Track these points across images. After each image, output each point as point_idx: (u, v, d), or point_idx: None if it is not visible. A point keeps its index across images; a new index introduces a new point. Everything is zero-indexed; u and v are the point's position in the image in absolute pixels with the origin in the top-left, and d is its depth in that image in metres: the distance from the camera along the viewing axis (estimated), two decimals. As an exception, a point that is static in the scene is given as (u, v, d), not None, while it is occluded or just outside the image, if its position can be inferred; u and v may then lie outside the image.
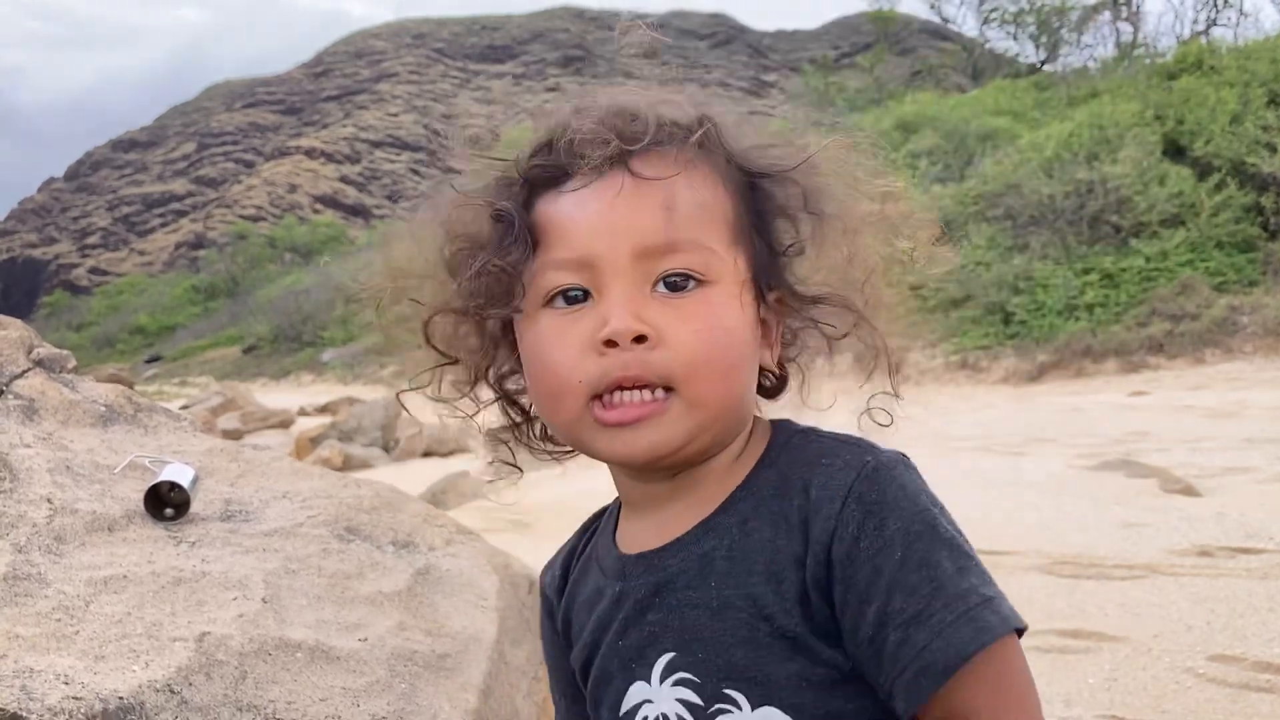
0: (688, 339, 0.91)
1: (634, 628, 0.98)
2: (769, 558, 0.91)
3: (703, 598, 0.94)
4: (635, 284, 0.92)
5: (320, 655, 1.33)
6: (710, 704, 0.91)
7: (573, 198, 0.94)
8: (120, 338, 62.36)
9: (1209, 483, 5.78)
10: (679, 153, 0.94)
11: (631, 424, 0.92)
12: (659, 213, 0.92)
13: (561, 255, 0.94)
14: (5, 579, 1.26)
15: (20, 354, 1.79)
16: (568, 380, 0.93)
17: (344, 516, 1.64)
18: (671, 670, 0.94)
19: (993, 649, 0.84)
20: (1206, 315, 14.36)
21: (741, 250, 0.97)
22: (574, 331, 0.93)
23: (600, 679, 1.01)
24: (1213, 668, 3.04)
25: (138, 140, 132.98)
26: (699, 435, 0.94)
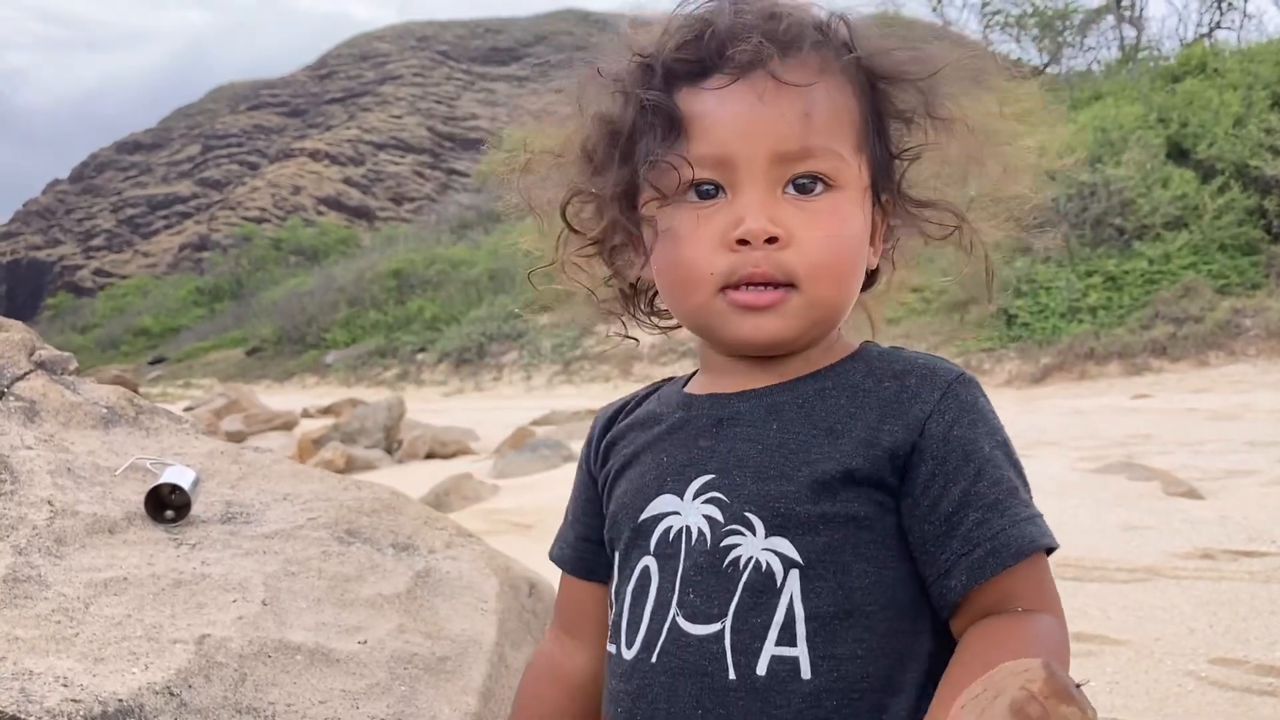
0: (815, 242, 0.97)
1: (683, 449, 1.03)
2: (836, 419, 0.98)
3: (760, 435, 1.00)
4: (769, 185, 0.97)
5: (320, 658, 1.34)
6: (729, 523, 0.97)
7: (716, 96, 0.98)
8: (124, 339, 62.39)
9: (1212, 485, 5.78)
10: (820, 58, 0.98)
11: (762, 309, 0.98)
12: (798, 119, 0.96)
13: (702, 151, 0.97)
14: (5, 581, 1.26)
15: (22, 356, 1.80)
16: (701, 272, 0.99)
17: (344, 519, 1.64)
18: (706, 490, 0.99)
19: (1042, 554, 0.96)
20: (1210, 318, 14.35)
21: (865, 155, 1.02)
22: (708, 226, 0.98)
23: (630, 490, 1.06)
24: (1215, 671, 3.04)
25: (142, 142, 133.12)
26: (812, 331, 1.02)
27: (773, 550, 0.95)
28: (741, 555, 0.95)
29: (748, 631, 0.94)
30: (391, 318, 35.73)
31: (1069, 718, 0.65)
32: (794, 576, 0.94)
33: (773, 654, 0.93)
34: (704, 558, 0.97)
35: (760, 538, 0.95)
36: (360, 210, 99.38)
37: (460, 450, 11.71)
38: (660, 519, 1.02)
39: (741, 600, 0.95)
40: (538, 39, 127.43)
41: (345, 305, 38.86)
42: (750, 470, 0.98)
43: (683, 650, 0.96)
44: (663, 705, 0.96)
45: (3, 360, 1.76)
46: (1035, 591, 0.95)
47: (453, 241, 42.56)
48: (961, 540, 0.93)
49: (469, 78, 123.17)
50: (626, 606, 1.03)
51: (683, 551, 0.99)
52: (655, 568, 1.01)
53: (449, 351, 29.95)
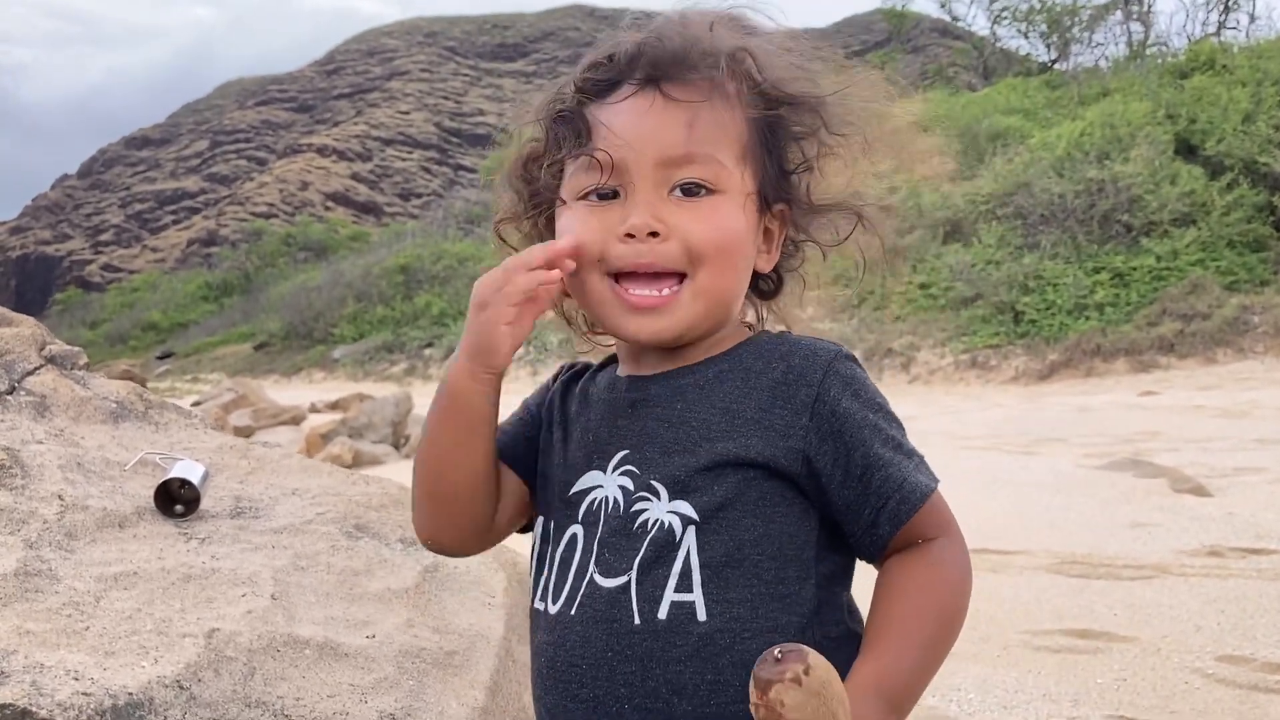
0: (696, 233, 1.10)
1: (606, 427, 1.17)
2: (732, 400, 1.11)
3: (666, 414, 1.13)
4: (655, 187, 1.10)
5: (329, 652, 1.34)
6: (638, 491, 1.10)
7: (613, 108, 1.12)
8: (133, 334, 62.44)
9: (1219, 483, 5.77)
10: (712, 83, 1.11)
11: (651, 309, 1.11)
12: (681, 128, 1.10)
13: (599, 151, 1.11)
14: (16, 575, 1.27)
15: (32, 351, 1.80)
16: (591, 256, 1.12)
17: (353, 514, 1.65)
18: (622, 463, 1.13)
19: (937, 491, 1.11)
20: (1217, 315, 14.30)
21: (749, 167, 1.13)
22: (602, 220, 1.11)
23: (562, 464, 1.19)
24: (1222, 668, 3.04)
25: (151, 138, 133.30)
26: (700, 322, 1.14)
27: (675, 511, 1.08)
28: (649, 517, 1.09)
29: (650, 581, 1.07)
30: (399, 313, 35.72)
31: (784, 696, 0.83)
32: (691, 532, 1.07)
33: (672, 600, 1.06)
34: (617, 521, 1.10)
35: (665, 502, 1.09)
36: (368, 206, 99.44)
37: (467, 446, 11.69)
38: (587, 492, 1.15)
39: (646, 555, 1.07)
40: (545, 35, 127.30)
41: (353, 301, 38.85)
42: (658, 446, 1.12)
43: (596, 601, 1.09)
44: (578, 651, 1.09)
45: (14, 355, 1.76)
46: (935, 522, 1.10)
47: (460, 237, 42.52)
48: (876, 495, 1.08)
49: (476, 73, 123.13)
50: (555, 569, 1.15)
51: (602, 519, 1.12)
52: (581, 534, 1.14)
53: (456, 346, 29.91)
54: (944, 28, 52.02)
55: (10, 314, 1.94)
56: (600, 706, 1.07)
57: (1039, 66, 30.29)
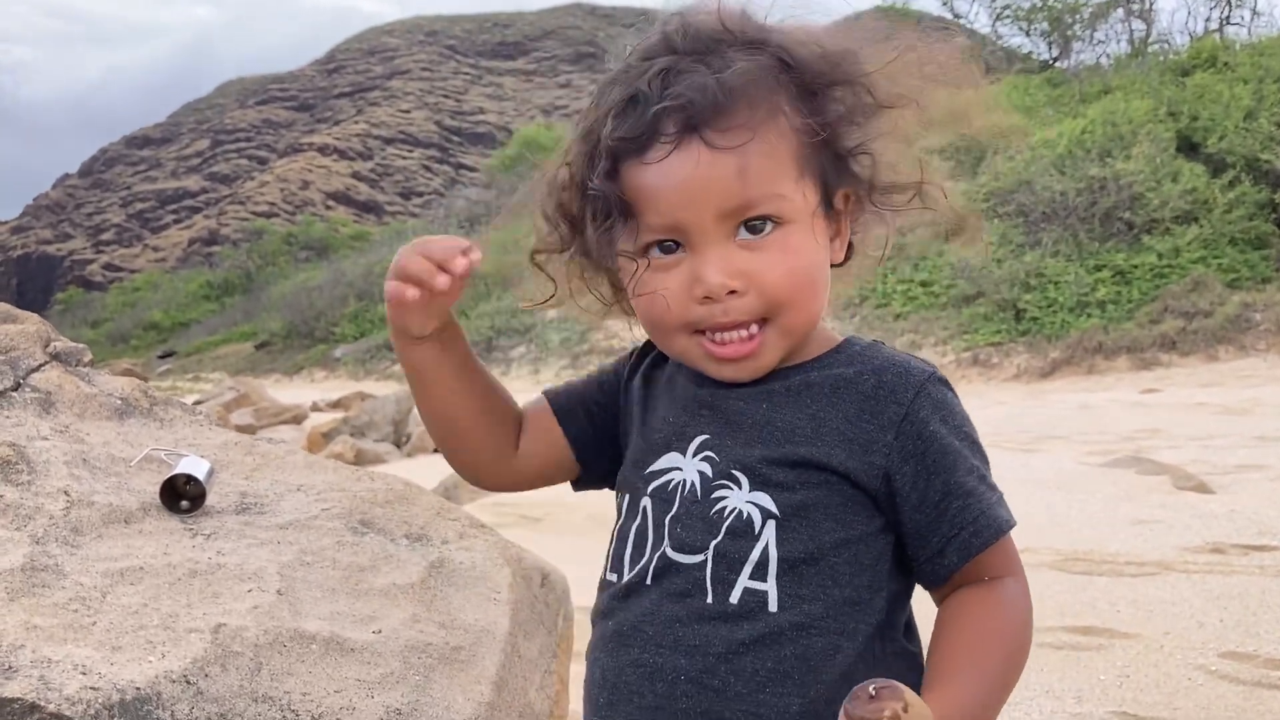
0: (773, 281, 1.07)
1: (688, 413, 1.17)
2: (819, 407, 1.10)
3: (752, 410, 1.12)
4: (721, 239, 1.06)
5: (335, 647, 1.35)
6: (718, 478, 1.10)
7: (656, 170, 1.05)
8: (134, 334, 62.50)
9: (1221, 480, 5.77)
10: (749, 107, 1.04)
11: (741, 358, 1.11)
12: (735, 179, 1.04)
13: (654, 221, 1.07)
14: (23, 570, 1.27)
15: (37, 347, 1.81)
16: (673, 325, 1.11)
17: (358, 509, 1.65)
18: (702, 448, 1.13)
19: (1010, 533, 1.09)
20: (1219, 312, 14.31)
21: (808, 178, 1.09)
22: (673, 280, 1.09)
23: (643, 445, 1.20)
24: (1225, 665, 3.04)
25: (151, 137, 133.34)
26: (790, 349, 1.14)
27: (754, 503, 1.08)
28: (728, 505, 1.09)
29: (725, 564, 1.07)
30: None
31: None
32: (770, 526, 1.07)
33: (746, 586, 1.06)
34: (695, 505, 1.10)
35: (745, 491, 1.08)
36: (369, 205, 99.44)
37: (469, 444, 11.71)
38: (666, 472, 1.15)
39: (724, 538, 1.08)
40: (545, 33, 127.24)
41: (354, 299, 38.89)
42: (739, 438, 1.11)
43: (670, 575, 1.09)
44: (646, 617, 1.09)
45: (18, 352, 1.77)
46: (1004, 561, 1.09)
47: (461, 235, 42.54)
48: (949, 524, 1.07)
49: (477, 72, 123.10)
50: (630, 542, 1.16)
51: (678, 499, 1.12)
52: (651, 509, 1.14)
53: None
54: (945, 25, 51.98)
55: (14, 310, 1.95)
56: (657, 674, 1.07)
57: (1040, 64, 30.25)
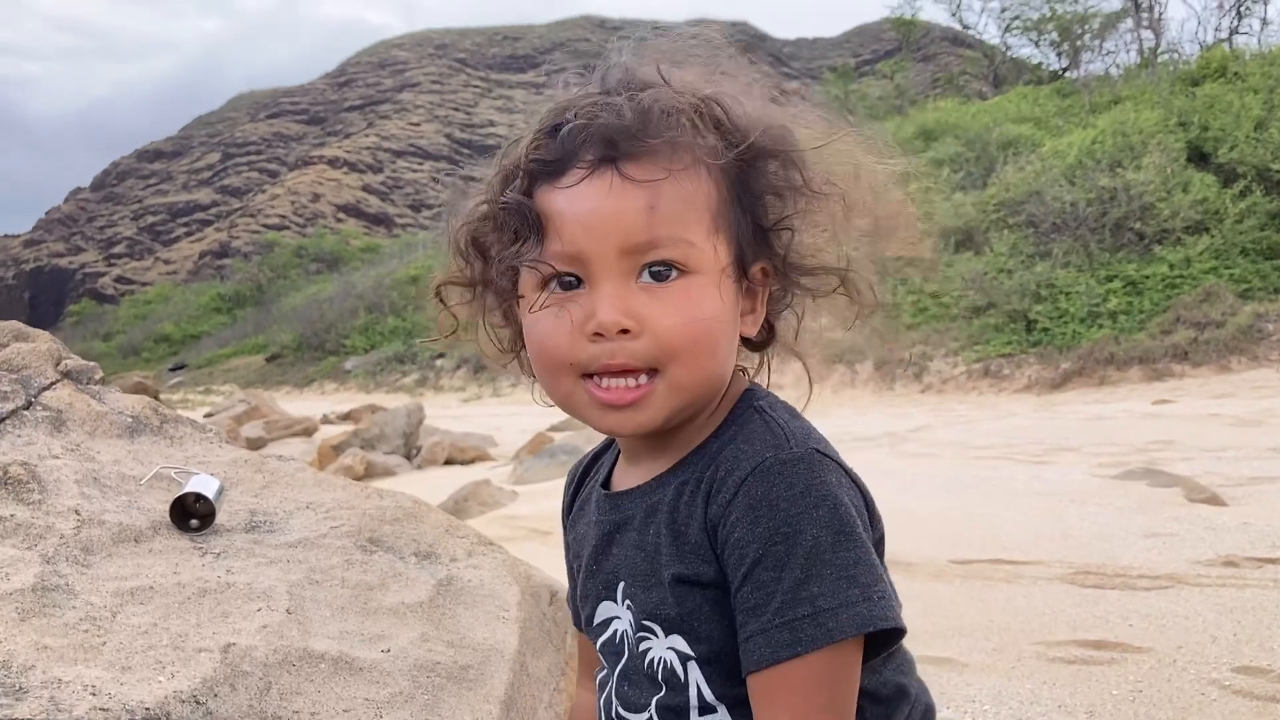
0: (668, 328, 1.01)
1: (603, 558, 1.15)
2: (683, 520, 1.05)
3: (641, 540, 1.09)
4: (621, 276, 1.01)
5: (344, 666, 1.35)
6: (639, 630, 1.09)
7: (566, 194, 1.02)
8: (146, 346, 62.79)
9: (1235, 492, 5.74)
10: (671, 150, 1.01)
11: (626, 405, 1.03)
12: (643, 213, 1.00)
13: (556, 248, 1.02)
14: (34, 590, 1.27)
15: (49, 366, 1.82)
16: (561, 361, 1.04)
17: (367, 527, 1.65)
18: (626, 595, 1.11)
19: (807, 658, 0.94)
20: (1231, 323, 14.26)
21: (722, 235, 1.04)
22: (566, 317, 1.03)
23: (584, 596, 1.19)
24: (1238, 680, 3.02)
25: (163, 150, 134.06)
26: (680, 413, 1.06)
27: (673, 649, 1.06)
28: (653, 655, 1.08)
29: (673, 715, 1.07)
30: (410, 324, 35.86)
31: None
32: (693, 667, 1.05)
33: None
34: (633, 660, 1.10)
35: (662, 638, 1.07)
36: (379, 217, 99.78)
37: (479, 456, 11.74)
38: (608, 624, 1.15)
39: (663, 695, 1.07)
40: (555, 46, 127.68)
41: (364, 312, 39.05)
42: (639, 579, 1.09)
43: None
44: None
45: (30, 370, 1.78)
46: (791, 696, 0.96)
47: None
48: (740, 637, 0.99)
49: (486, 85, 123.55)
50: (601, 698, 1.17)
51: (624, 652, 1.12)
52: (608, 665, 1.16)
53: (468, 357, 29.99)
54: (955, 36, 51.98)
55: (27, 329, 1.96)
56: None
57: (1050, 74, 30.27)
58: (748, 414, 1.08)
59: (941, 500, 6.13)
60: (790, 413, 1.09)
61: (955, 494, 6.19)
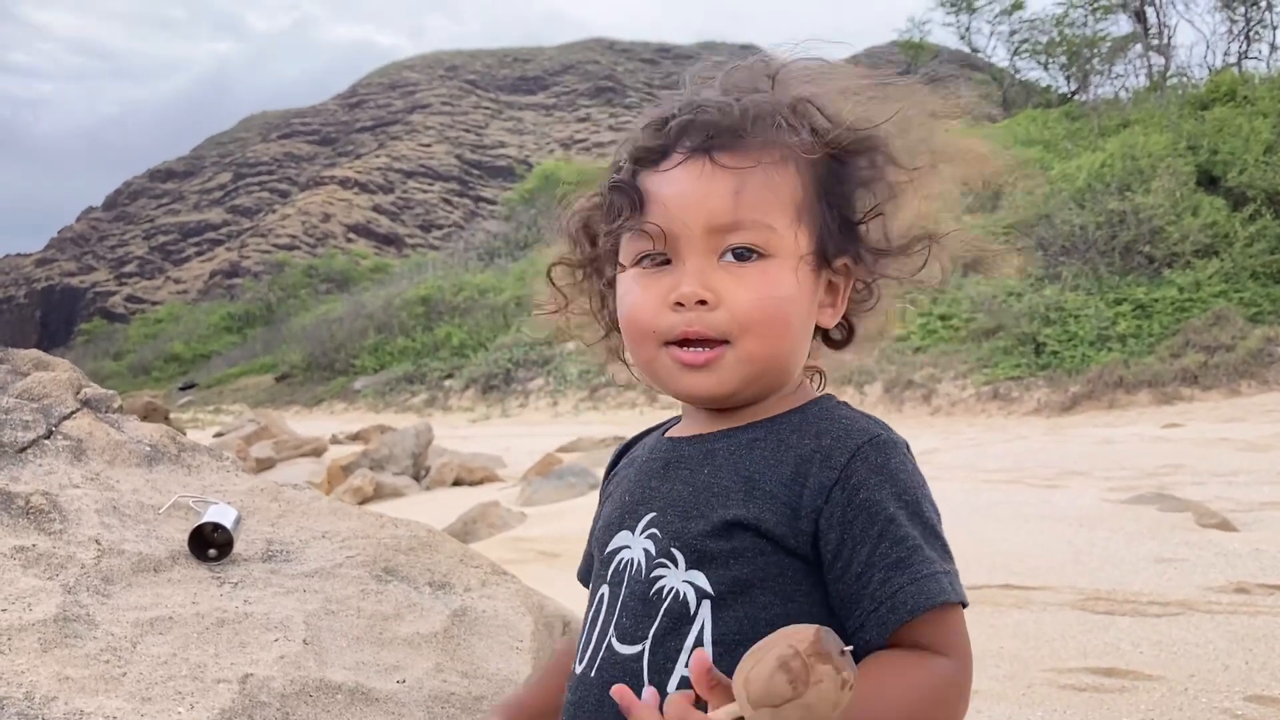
0: (742, 302, 1.09)
1: (640, 488, 1.18)
2: (757, 469, 1.09)
3: (694, 478, 1.13)
4: (705, 254, 1.10)
5: (360, 697, 1.36)
6: (658, 556, 1.10)
7: (663, 177, 1.12)
8: (156, 365, 62.94)
9: (1245, 517, 5.72)
10: (763, 144, 1.10)
11: (699, 367, 1.11)
12: (729, 197, 1.09)
13: (650, 228, 1.11)
14: (56, 620, 1.29)
15: (69, 395, 1.84)
16: (647, 328, 1.13)
17: (382, 557, 1.67)
18: (649, 526, 1.13)
19: (947, 608, 1.02)
20: (1241, 346, 14.22)
21: (805, 226, 1.12)
22: (654, 289, 1.12)
23: (605, 525, 1.21)
24: (1251, 709, 3.01)
25: (174, 170, 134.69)
26: (748, 385, 1.13)
27: (690, 582, 1.07)
28: (665, 585, 1.08)
29: (663, 653, 1.06)
30: (419, 344, 35.93)
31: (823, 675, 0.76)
32: (705, 606, 1.06)
33: (682, 675, 1.04)
34: (638, 586, 1.10)
35: (681, 570, 1.08)
36: (389, 238, 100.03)
37: (487, 477, 11.74)
38: (618, 552, 1.16)
39: (661, 625, 1.07)
40: (565, 68, 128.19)
41: (374, 332, 39.10)
42: (679, 510, 1.11)
43: (612, 667, 1.09)
44: (593, 713, 1.10)
45: (51, 399, 1.80)
46: (938, 641, 1.02)
47: (480, 268, 42.80)
48: (870, 599, 1.01)
49: (497, 106, 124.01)
50: (584, 629, 1.17)
51: (626, 579, 1.12)
52: (607, 595, 1.15)
53: (476, 378, 30.07)
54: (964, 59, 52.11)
55: (47, 357, 1.98)
56: None
57: (1059, 98, 30.32)
58: (834, 404, 1.16)
59: (951, 524, 6.09)
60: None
61: (965, 518, 6.18)
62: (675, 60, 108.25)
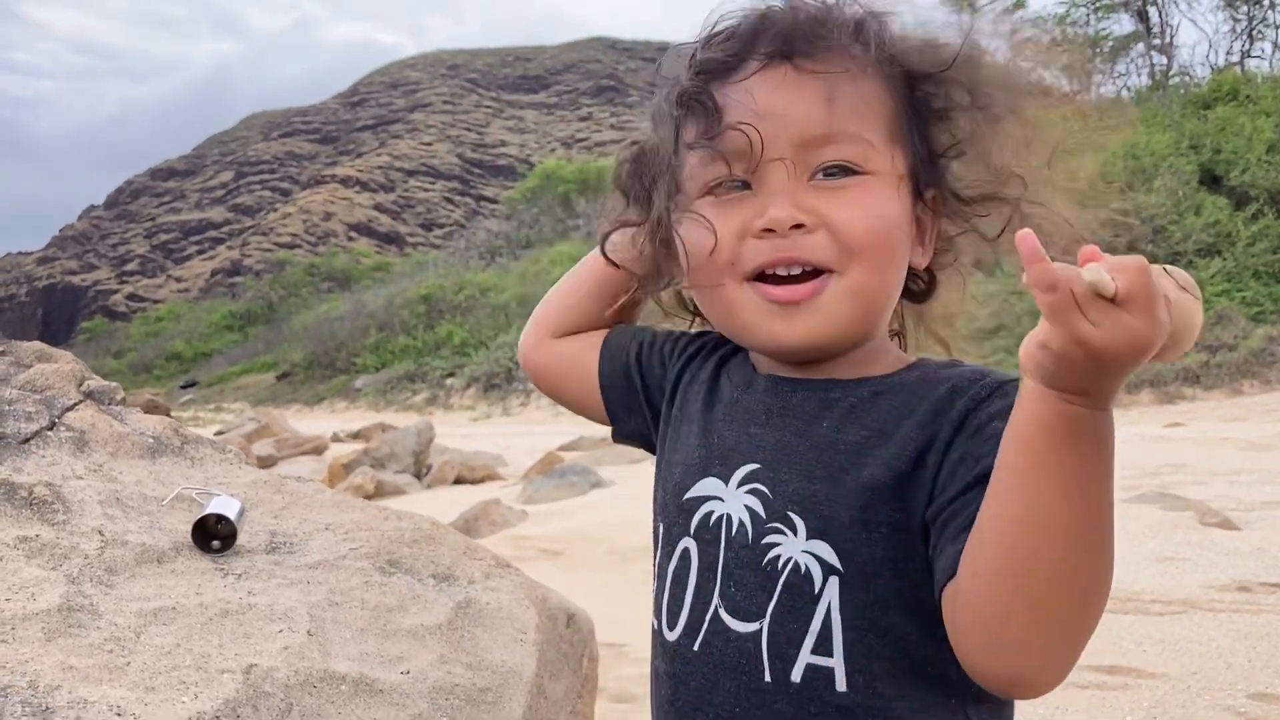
0: (849, 221, 0.93)
1: (734, 431, 1.01)
2: (887, 420, 0.93)
3: (810, 430, 0.96)
4: (794, 174, 0.93)
5: (364, 688, 1.35)
6: (770, 519, 0.94)
7: (739, 87, 0.95)
8: (157, 363, 63.07)
9: (1248, 516, 5.72)
10: (848, 53, 0.95)
11: (796, 304, 0.94)
12: (820, 104, 0.93)
13: (735, 131, 0.94)
14: (60, 610, 1.29)
15: (71, 387, 1.83)
16: (723, 262, 0.96)
17: (385, 549, 1.66)
18: (750, 480, 0.97)
19: None
20: (1244, 346, 14.23)
21: (899, 148, 0.97)
22: (733, 218, 0.95)
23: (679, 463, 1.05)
24: (1254, 706, 3.01)
25: (176, 169, 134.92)
26: (851, 330, 0.96)
27: (812, 554, 0.92)
28: (781, 555, 0.93)
29: (784, 636, 0.92)
30: (421, 343, 35.97)
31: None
32: (833, 584, 0.91)
33: (808, 662, 0.91)
34: (745, 552, 0.95)
35: (801, 539, 0.93)
36: (390, 236, 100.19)
37: (489, 475, 11.74)
38: (703, 501, 1.00)
39: (780, 601, 0.93)
40: (566, 67, 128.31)
41: (375, 330, 39.15)
42: (797, 467, 0.95)
43: (724, 644, 0.95)
44: (705, 695, 0.96)
45: (54, 391, 1.80)
46: None
47: (482, 267, 42.86)
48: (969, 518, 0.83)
49: (498, 105, 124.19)
50: (668, 585, 1.02)
51: (723, 540, 0.97)
52: (695, 552, 1.00)
53: (477, 376, 30.09)
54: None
55: (50, 349, 1.98)
56: None
57: (1060, 97, 30.29)
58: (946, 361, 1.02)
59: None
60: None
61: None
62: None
